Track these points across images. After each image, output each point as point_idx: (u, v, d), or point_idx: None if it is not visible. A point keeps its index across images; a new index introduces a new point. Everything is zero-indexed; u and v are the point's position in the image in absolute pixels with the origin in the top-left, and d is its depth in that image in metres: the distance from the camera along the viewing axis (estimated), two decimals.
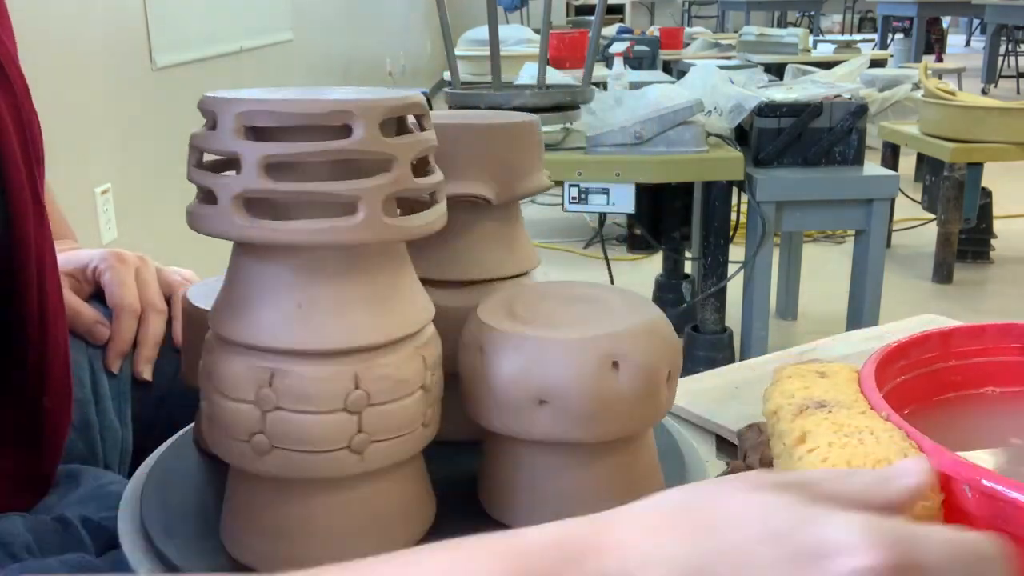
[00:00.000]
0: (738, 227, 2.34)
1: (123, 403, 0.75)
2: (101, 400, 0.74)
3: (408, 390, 0.44)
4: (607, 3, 2.10)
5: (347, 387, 0.42)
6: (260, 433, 0.42)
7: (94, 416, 0.73)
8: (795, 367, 0.51)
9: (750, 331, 2.19)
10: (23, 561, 0.53)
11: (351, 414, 0.42)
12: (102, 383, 0.74)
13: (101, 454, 0.72)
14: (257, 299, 0.43)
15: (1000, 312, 2.85)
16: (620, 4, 7.92)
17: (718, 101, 2.09)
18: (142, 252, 0.80)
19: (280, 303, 0.42)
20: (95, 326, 0.74)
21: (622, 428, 0.46)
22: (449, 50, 2.01)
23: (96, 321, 0.74)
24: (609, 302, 0.50)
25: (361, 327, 0.43)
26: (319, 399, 0.42)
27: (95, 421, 0.72)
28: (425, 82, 6.86)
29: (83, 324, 0.74)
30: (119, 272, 0.75)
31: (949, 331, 0.53)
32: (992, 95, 6.42)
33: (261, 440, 0.42)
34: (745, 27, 4.99)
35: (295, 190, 0.41)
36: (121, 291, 0.74)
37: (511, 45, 4.25)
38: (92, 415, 0.73)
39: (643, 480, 0.49)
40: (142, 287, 0.76)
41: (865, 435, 0.41)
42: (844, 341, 0.97)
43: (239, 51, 3.08)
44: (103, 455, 0.73)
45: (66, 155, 1.98)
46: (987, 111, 2.84)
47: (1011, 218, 3.74)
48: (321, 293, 0.42)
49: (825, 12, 9.76)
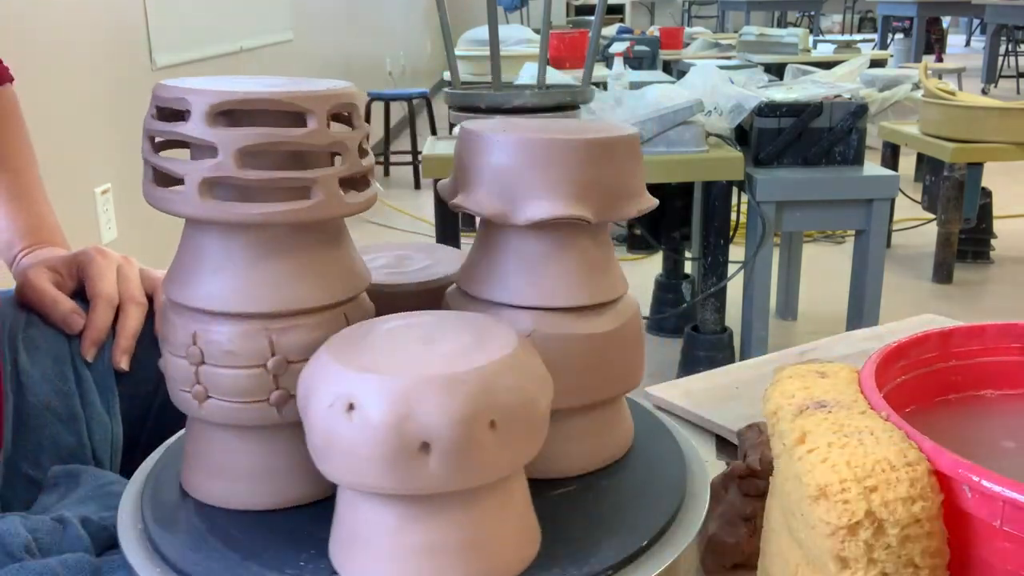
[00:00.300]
0: (738, 227, 2.34)
1: (109, 396, 0.76)
2: (86, 393, 0.74)
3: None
4: (607, 3, 2.10)
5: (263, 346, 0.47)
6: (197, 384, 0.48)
7: (79, 408, 0.73)
8: (795, 367, 0.51)
9: (750, 331, 2.19)
10: (23, 561, 0.53)
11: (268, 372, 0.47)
12: (85, 377, 0.75)
13: (90, 446, 0.73)
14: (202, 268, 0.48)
15: (1000, 312, 2.85)
16: (620, 4, 7.92)
17: (718, 101, 2.09)
18: (142, 252, 0.81)
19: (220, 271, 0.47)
20: (70, 315, 0.75)
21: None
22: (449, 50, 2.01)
23: (71, 310, 0.75)
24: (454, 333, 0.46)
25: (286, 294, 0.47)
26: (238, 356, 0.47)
27: (81, 413, 0.73)
28: (425, 82, 6.86)
29: (59, 313, 0.75)
30: (99, 264, 0.77)
31: (949, 331, 0.53)
32: (992, 95, 6.42)
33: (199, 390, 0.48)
34: (745, 27, 4.99)
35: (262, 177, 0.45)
36: (99, 282, 0.76)
37: (511, 45, 4.25)
38: (77, 407, 0.74)
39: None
40: (122, 280, 0.78)
41: (865, 435, 0.41)
42: (844, 341, 0.97)
43: (239, 51, 3.08)
44: (92, 447, 0.73)
45: (66, 155, 1.98)
46: (987, 111, 2.84)
47: (1011, 218, 3.74)
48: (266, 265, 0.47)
49: (825, 12, 9.76)
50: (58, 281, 0.77)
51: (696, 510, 0.50)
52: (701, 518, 0.50)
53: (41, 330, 0.75)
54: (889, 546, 0.39)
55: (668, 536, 0.48)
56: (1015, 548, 0.37)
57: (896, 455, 0.40)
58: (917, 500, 0.38)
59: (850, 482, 0.39)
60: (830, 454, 0.40)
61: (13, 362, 0.73)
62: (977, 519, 0.38)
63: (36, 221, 0.87)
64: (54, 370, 0.74)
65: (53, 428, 0.72)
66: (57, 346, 0.75)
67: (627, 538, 0.47)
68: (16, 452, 0.71)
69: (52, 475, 0.67)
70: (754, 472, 0.60)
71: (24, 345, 0.75)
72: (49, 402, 0.73)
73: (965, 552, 0.39)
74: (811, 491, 0.40)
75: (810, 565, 0.42)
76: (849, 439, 0.41)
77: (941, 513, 0.39)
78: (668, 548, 0.47)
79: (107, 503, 0.62)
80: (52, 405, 0.73)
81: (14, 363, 0.73)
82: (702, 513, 0.50)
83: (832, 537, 0.39)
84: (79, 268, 0.78)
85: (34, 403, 0.72)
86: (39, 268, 0.77)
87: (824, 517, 0.39)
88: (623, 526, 0.48)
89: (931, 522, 0.39)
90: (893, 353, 0.50)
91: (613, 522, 0.48)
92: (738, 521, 0.59)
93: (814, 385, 0.48)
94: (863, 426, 0.42)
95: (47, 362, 0.74)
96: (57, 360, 0.75)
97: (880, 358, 0.49)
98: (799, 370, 0.50)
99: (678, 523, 0.49)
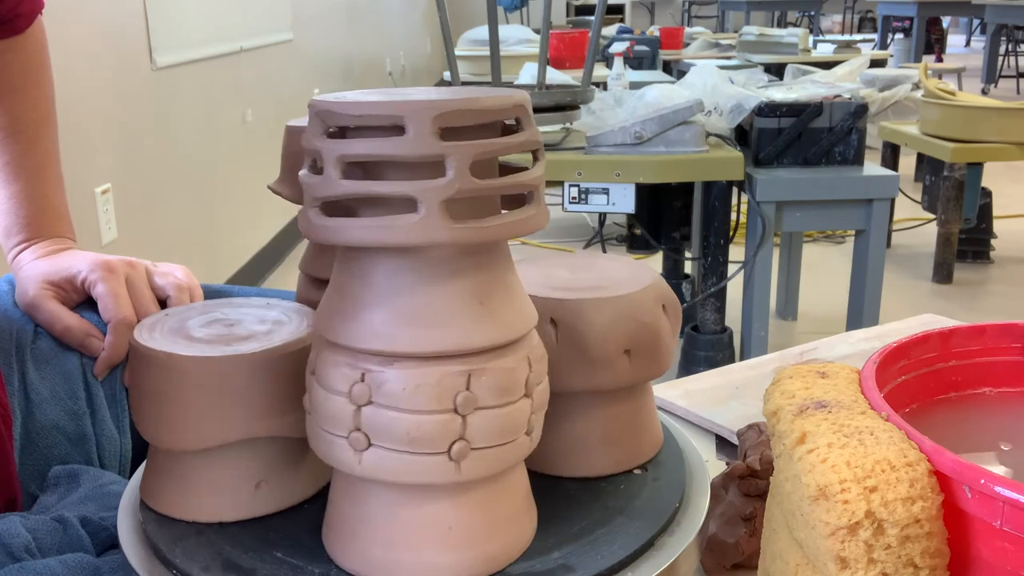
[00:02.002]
0: (738, 227, 2.34)
1: (120, 411, 0.75)
2: (97, 411, 0.73)
3: (514, 396, 0.43)
4: (607, 3, 2.10)
5: (458, 388, 0.41)
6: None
7: (90, 428, 0.72)
8: (795, 367, 0.51)
9: (750, 331, 2.19)
10: (23, 561, 0.53)
11: (458, 415, 0.42)
12: (97, 394, 0.74)
13: (99, 464, 0.72)
14: (373, 302, 0.42)
15: (1000, 312, 2.85)
16: (620, 4, 7.91)
17: (718, 101, 2.09)
18: (142, 252, 0.80)
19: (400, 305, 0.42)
20: (87, 339, 0.73)
21: (669, 361, 0.55)
22: (449, 50, 2.01)
23: (87, 334, 0.73)
24: (601, 264, 0.58)
25: (470, 330, 0.42)
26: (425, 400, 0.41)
27: (91, 433, 0.72)
28: (425, 82, 6.86)
29: (75, 339, 0.73)
30: (111, 284, 0.74)
31: (949, 331, 0.53)
32: (992, 95, 6.42)
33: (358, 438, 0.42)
34: (745, 27, 4.99)
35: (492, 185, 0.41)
36: (116, 304, 0.73)
37: (511, 45, 4.25)
38: (88, 427, 0.72)
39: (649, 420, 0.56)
40: (136, 297, 0.75)
41: (865, 435, 0.41)
42: (844, 341, 0.97)
43: (239, 51, 3.08)
44: (101, 465, 0.72)
45: (66, 155, 1.98)
46: (987, 111, 2.84)
47: (1011, 218, 3.74)
48: (434, 293, 0.42)
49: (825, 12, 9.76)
50: (64, 297, 0.75)
51: (696, 510, 0.50)
52: (701, 518, 0.50)
53: (50, 342, 0.74)
54: (889, 546, 0.39)
55: (668, 536, 0.48)
56: (1015, 548, 0.37)
57: (896, 455, 0.40)
58: (917, 500, 0.38)
59: (850, 482, 0.39)
60: (830, 454, 0.40)
61: (21, 376, 0.72)
62: (977, 519, 0.38)
63: (39, 206, 0.82)
64: (64, 388, 0.73)
65: (62, 449, 0.71)
66: (67, 360, 0.74)
67: (627, 537, 0.47)
68: (23, 471, 0.70)
69: (52, 475, 0.67)
70: (754, 472, 0.60)
71: (33, 357, 0.73)
72: (59, 422, 0.71)
73: (965, 552, 0.39)
74: (811, 491, 0.40)
75: (810, 565, 0.42)
76: (849, 439, 0.41)
77: (941, 513, 0.39)
78: (668, 548, 0.47)
79: (107, 503, 0.62)
80: (62, 425, 0.71)
81: (22, 377, 0.72)
82: (702, 513, 0.50)
83: (832, 537, 0.39)
84: (86, 284, 0.75)
85: (44, 423, 0.71)
86: (42, 290, 0.75)
87: (824, 517, 0.39)
88: (623, 525, 0.48)
89: (931, 522, 0.39)
90: (893, 353, 0.50)
91: (613, 521, 0.48)
92: (738, 521, 0.59)
93: (814, 385, 0.48)
94: (863, 426, 0.42)
95: (57, 378, 0.73)
96: (68, 377, 0.73)
97: (880, 358, 0.49)
98: (799, 370, 0.50)
99: (678, 523, 0.49)
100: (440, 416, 0.41)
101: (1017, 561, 0.37)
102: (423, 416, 0.41)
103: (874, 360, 0.49)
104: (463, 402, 0.41)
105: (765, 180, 2.04)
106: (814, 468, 0.40)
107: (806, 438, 0.42)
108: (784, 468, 0.43)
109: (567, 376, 0.51)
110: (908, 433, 0.42)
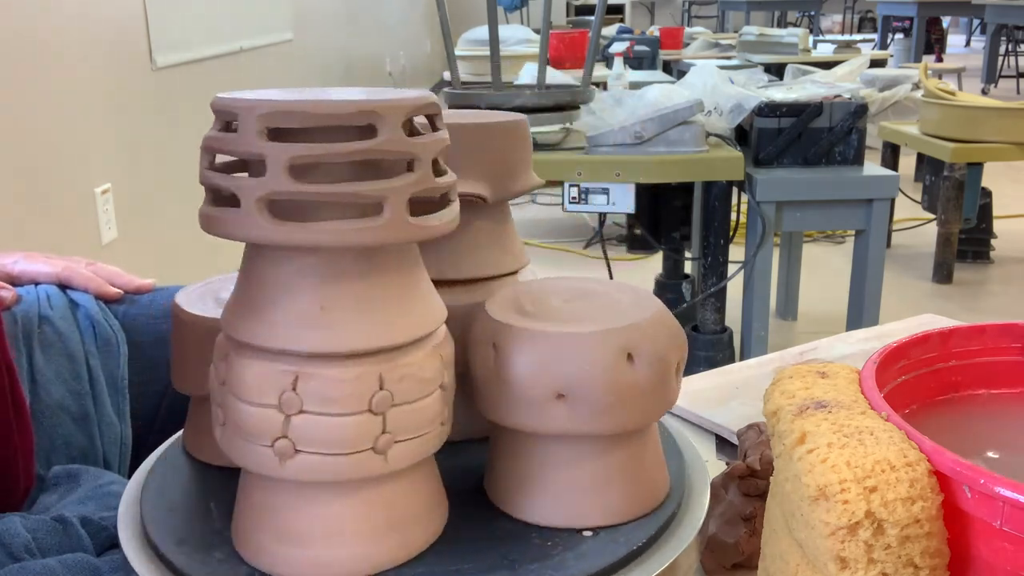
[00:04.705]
0: (738, 227, 2.34)
1: (120, 399, 0.76)
2: (99, 394, 0.75)
3: (429, 389, 0.44)
4: (607, 3, 2.10)
5: (372, 388, 0.42)
6: (284, 437, 0.42)
7: (92, 409, 0.74)
8: (795, 367, 0.51)
9: (750, 331, 2.19)
10: (23, 561, 0.53)
11: (375, 415, 0.42)
12: (98, 377, 0.76)
13: (100, 447, 0.73)
14: (277, 301, 0.42)
15: (1000, 312, 2.85)
16: (620, 4, 7.90)
17: (718, 101, 2.09)
18: (142, 252, 0.82)
19: (302, 305, 0.42)
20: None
21: (636, 419, 0.47)
22: (449, 50, 2.01)
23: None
24: (613, 296, 0.51)
25: (384, 327, 0.43)
26: (345, 401, 0.41)
27: (93, 413, 0.74)
28: (425, 82, 6.86)
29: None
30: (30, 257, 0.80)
31: (949, 331, 0.53)
32: (992, 95, 6.42)
33: (285, 444, 0.42)
34: (745, 27, 4.99)
35: (322, 191, 0.41)
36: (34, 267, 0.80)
37: (511, 45, 4.25)
38: (90, 407, 0.74)
39: (651, 470, 0.50)
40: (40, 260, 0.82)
41: (865, 435, 0.41)
42: (844, 341, 0.97)
43: (239, 51, 3.08)
44: (102, 448, 0.74)
45: (66, 155, 1.98)
46: (987, 111, 2.84)
47: (1011, 218, 3.74)
48: (343, 293, 0.42)
49: (825, 12, 9.76)
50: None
51: (696, 510, 0.50)
52: (701, 518, 0.50)
53: (56, 327, 0.76)
54: (889, 546, 0.39)
55: (668, 536, 0.48)
56: (1015, 548, 0.37)
57: (896, 455, 0.40)
58: (917, 500, 0.38)
59: (850, 482, 0.39)
60: (830, 454, 0.40)
61: (28, 359, 0.74)
62: (977, 519, 0.38)
63: None
64: (69, 369, 0.75)
65: (66, 428, 0.73)
66: (72, 344, 0.76)
67: (628, 537, 0.47)
68: None
69: (52, 475, 0.67)
70: (754, 472, 0.60)
71: (39, 342, 0.75)
72: (63, 402, 0.73)
73: (965, 552, 0.39)
74: (811, 491, 0.40)
75: (810, 565, 0.42)
76: (849, 439, 0.41)
77: (941, 513, 0.39)
78: (668, 548, 0.47)
79: (107, 503, 0.62)
80: (66, 405, 0.73)
81: (29, 360, 0.74)
82: (702, 513, 0.50)
83: (832, 537, 0.39)
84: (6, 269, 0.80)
85: (48, 403, 0.73)
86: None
87: (824, 517, 0.39)
88: (624, 525, 0.48)
89: (931, 522, 0.39)
90: (893, 353, 0.50)
91: (614, 521, 0.48)
92: (738, 521, 0.59)
93: (814, 385, 0.48)
94: (863, 426, 0.42)
95: (62, 360, 0.75)
96: (72, 359, 0.75)
97: (880, 358, 0.49)
98: (799, 370, 0.50)
99: (678, 523, 0.49)
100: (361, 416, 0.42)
101: (1017, 561, 0.37)
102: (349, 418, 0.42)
103: (874, 360, 0.49)
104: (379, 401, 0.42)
105: (765, 180, 2.04)
106: (814, 468, 0.40)
107: (806, 438, 0.43)
108: (784, 468, 0.43)
109: (503, 410, 0.47)
110: (908, 433, 0.42)
